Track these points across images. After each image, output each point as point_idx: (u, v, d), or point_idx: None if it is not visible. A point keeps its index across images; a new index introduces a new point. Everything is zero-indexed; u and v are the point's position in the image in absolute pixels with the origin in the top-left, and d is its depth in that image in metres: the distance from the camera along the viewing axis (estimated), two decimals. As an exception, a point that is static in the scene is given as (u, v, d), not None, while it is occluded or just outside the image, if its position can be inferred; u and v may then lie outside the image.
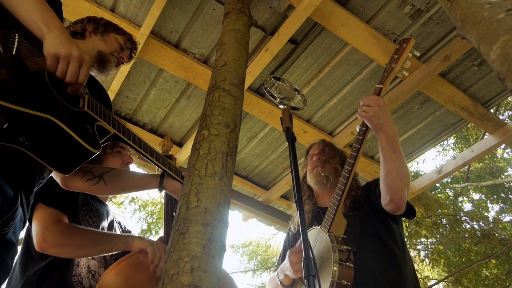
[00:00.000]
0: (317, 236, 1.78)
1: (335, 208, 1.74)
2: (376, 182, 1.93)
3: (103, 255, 1.77)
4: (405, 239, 1.92)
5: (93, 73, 1.59)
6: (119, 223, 2.05)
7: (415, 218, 6.06)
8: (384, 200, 1.72)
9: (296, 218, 2.06)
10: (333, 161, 2.08)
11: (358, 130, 1.79)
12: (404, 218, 1.92)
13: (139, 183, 1.62)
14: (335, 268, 1.57)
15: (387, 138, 1.67)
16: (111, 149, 1.97)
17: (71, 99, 1.21)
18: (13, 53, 1.08)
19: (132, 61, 2.72)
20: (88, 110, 1.27)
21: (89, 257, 1.74)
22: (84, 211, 1.77)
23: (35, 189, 1.27)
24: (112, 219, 1.96)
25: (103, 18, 1.71)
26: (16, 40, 1.11)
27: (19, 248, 1.70)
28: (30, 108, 1.03)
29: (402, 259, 1.77)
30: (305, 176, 2.13)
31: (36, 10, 1.14)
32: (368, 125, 1.72)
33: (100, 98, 1.38)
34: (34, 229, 1.56)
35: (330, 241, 1.65)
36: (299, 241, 1.89)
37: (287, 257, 1.75)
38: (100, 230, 1.81)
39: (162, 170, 1.59)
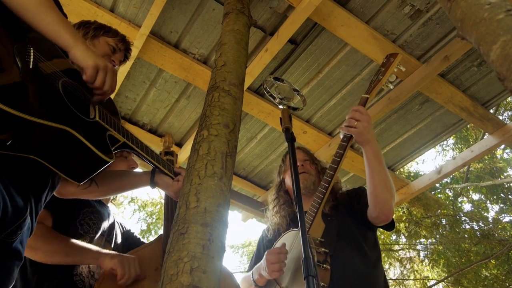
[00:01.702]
0: (294, 238, 1.79)
1: (315, 211, 1.76)
2: (358, 191, 1.98)
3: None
4: (380, 250, 1.98)
5: None
6: (120, 224, 2.06)
7: (414, 219, 6.07)
8: (373, 212, 1.77)
9: (272, 223, 2.06)
10: (315, 166, 2.13)
11: (342, 137, 1.84)
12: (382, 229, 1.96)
13: (131, 181, 1.63)
14: None
15: (374, 152, 1.74)
16: (120, 153, 1.98)
17: (82, 109, 1.24)
18: (30, 66, 1.11)
19: (131, 61, 2.72)
20: (100, 120, 1.30)
21: None
22: (84, 213, 1.77)
23: (45, 199, 1.28)
24: (113, 220, 1.97)
25: (95, 22, 1.71)
26: (32, 53, 1.14)
27: None
28: (49, 120, 1.06)
29: (375, 265, 1.82)
30: (281, 183, 2.15)
31: (59, 23, 1.18)
32: (356, 139, 1.77)
33: (107, 107, 1.41)
34: None
35: (308, 243, 1.65)
36: (275, 243, 1.89)
37: (264, 256, 1.74)
38: (98, 232, 1.81)
39: (161, 171, 1.61)
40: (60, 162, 1.15)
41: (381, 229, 1.96)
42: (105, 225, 1.86)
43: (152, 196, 8.09)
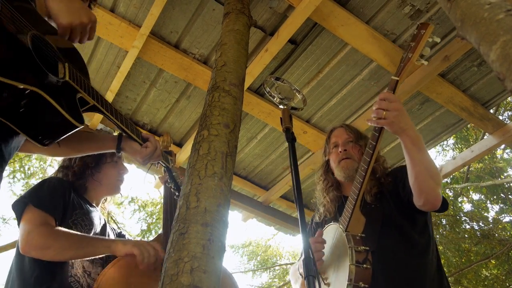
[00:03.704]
0: (335, 234, 1.75)
1: (352, 207, 1.70)
2: (404, 172, 1.78)
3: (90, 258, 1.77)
4: (433, 232, 1.83)
5: None
6: (112, 228, 2.06)
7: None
8: (418, 201, 1.64)
9: (321, 204, 2.01)
10: (359, 147, 1.97)
11: (374, 127, 1.70)
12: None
13: (95, 145, 1.59)
14: (352, 271, 1.54)
15: (411, 140, 1.60)
16: (111, 158, 1.97)
17: (51, 66, 1.16)
18: None
19: (132, 61, 2.72)
20: (70, 80, 1.22)
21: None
22: (76, 214, 1.76)
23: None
24: (104, 223, 1.95)
25: None
26: None
27: (13, 251, 1.71)
28: (18, 80, 0.98)
29: (425, 252, 1.71)
30: (327, 163, 2.06)
31: None
32: (390, 130, 1.63)
33: (75, 63, 1.33)
34: (20, 232, 1.57)
35: (347, 242, 1.62)
36: (318, 230, 1.85)
37: None
38: (91, 233, 1.80)
39: (135, 140, 1.57)
40: (27, 124, 1.08)
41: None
42: (96, 226, 1.85)
43: (152, 196, 8.09)
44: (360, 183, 1.70)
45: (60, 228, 1.62)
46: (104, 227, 1.93)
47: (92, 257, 1.70)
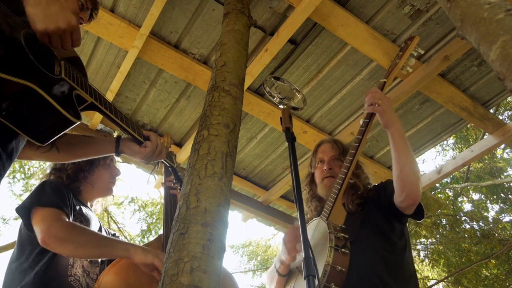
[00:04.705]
0: (316, 226, 1.79)
1: (334, 197, 1.75)
2: (386, 183, 1.90)
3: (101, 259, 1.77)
4: (409, 242, 1.88)
5: None
6: (107, 231, 2.06)
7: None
8: (400, 196, 1.70)
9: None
10: (343, 164, 1.97)
11: (361, 123, 1.84)
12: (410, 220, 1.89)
13: (94, 149, 1.58)
14: (330, 253, 1.57)
15: (400, 133, 1.71)
16: (104, 161, 1.97)
17: (46, 64, 1.15)
18: None
19: (132, 61, 2.72)
20: (66, 77, 1.21)
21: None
22: (75, 216, 1.76)
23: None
24: (100, 225, 1.96)
25: None
26: None
27: (11, 252, 1.71)
28: (10, 75, 0.98)
29: (401, 253, 1.76)
30: (312, 175, 2.10)
31: None
32: (380, 121, 1.74)
33: (73, 63, 1.32)
34: (37, 229, 1.56)
35: (328, 228, 1.65)
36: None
37: (282, 242, 1.74)
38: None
39: (134, 139, 1.55)
40: (23, 121, 1.08)
41: (411, 219, 1.87)
42: (93, 227, 1.86)
43: (152, 196, 8.08)
44: (344, 174, 1.77)
45: (80, 225, 1.62)
46: (99, 229, 1.94)
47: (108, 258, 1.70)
